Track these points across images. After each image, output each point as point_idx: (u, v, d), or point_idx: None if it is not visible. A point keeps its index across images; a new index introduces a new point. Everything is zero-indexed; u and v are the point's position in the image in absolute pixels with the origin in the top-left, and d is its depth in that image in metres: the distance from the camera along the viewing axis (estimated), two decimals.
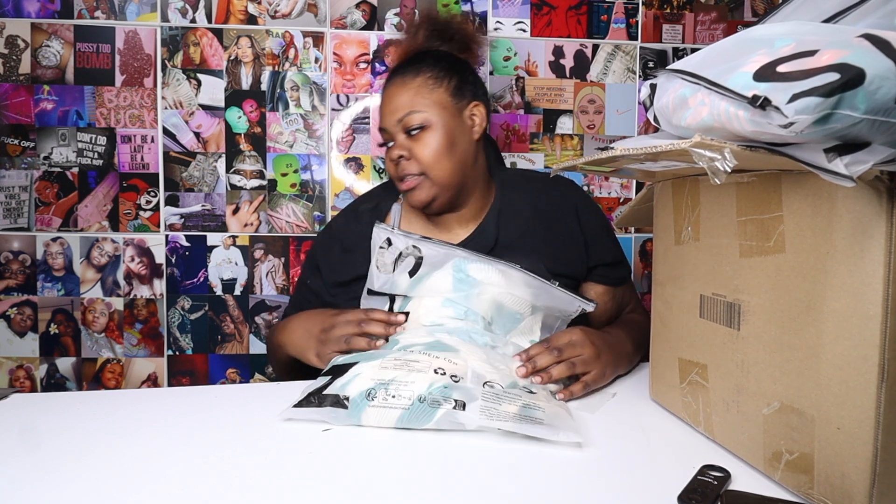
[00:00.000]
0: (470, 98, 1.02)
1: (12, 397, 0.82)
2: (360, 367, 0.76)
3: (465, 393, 0.71)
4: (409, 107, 0.97)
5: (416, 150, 0.97)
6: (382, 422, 0.70)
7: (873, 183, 0.47)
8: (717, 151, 0.50)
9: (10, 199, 1.58)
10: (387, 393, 0.71)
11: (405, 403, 0.70)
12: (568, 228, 1.03)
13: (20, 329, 1.61)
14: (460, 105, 1.00)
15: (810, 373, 0.53)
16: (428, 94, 0.98)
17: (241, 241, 1.63)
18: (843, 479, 0.51)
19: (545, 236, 1.02)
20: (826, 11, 0.57)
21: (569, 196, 1.06)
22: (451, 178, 0.98)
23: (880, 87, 0.42)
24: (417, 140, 0.97)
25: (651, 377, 0.82)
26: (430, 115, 0.97)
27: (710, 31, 1.72)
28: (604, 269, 1.05)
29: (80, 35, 1.57)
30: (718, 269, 0.65)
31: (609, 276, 1.06)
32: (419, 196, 0.98)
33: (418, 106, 0.97)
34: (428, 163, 0.96)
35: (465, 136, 1.00)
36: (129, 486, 0.58)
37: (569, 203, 1.05)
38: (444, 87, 0.99)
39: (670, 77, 0.61)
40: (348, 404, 0.71)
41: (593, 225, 1.05)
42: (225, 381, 1.66)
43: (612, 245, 1.07)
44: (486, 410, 0.68)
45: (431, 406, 0.69)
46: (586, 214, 1.05)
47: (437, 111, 0.97)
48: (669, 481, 0.57)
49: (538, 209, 1.04)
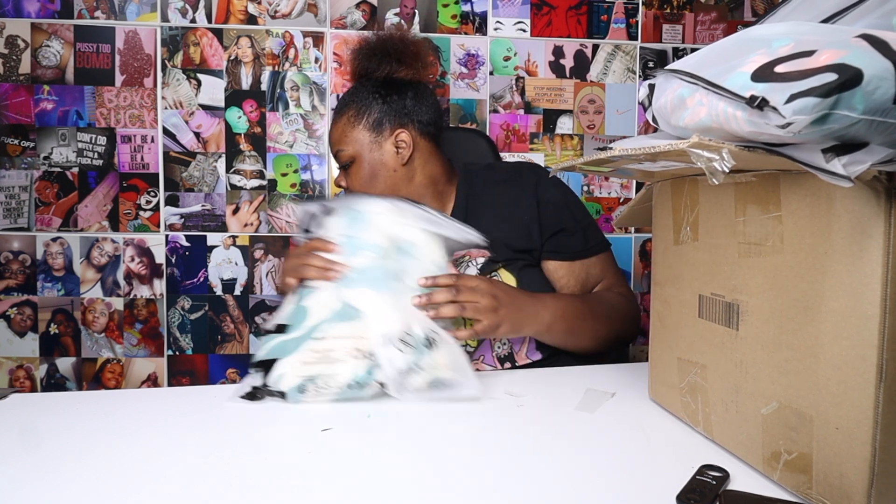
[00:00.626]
0: (394, 127, 1.07)
1: (12, 397, 0.82)
2: (282, 365, 0.80)
3: (382, 373, 0.78)
4: (337, 144, 1.09)
5: (349, 181, 1.10)
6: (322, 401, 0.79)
7: (871, 183, 0.47)
8: (715, 152, 0.50)
9: (10, 199, 1.58)
10: (316, 387, 0.78)
11: (336, 391, 0.78)
12: (527, 205, 1.05)
13: (20, 329, 1.61)
14: (380, 139, 1.07)
15: (809, 373, 0.53)
16: (350, 132, 1.08)
17: (241, 241, 1.64)
18: (841, 479, 0.51)
19: (506, 216, 1.05)
20: (824, 11, 0.57)
21: (529, 177, 1.08)
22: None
23: (878, 88, 0.42)
24: (350, 173, 1.10)
25: (650, 377, 0.82)
26: (352, 151, 1.08)
27: (710, 31, 1.73)
28: (557, 241, 1.05)
29: (80, 35, 1.57)
30: (717, 269, 0.65)
31: (563, 250, 1.05)
32: None
33: (343, 144, 1.08)
34: (358, 192, 1.07)
35: (389, 164, 1.07)
36: (129, 486, 0.58)
37: (528, 182, 1.08)
38: (363, 123, 1.07)
39: (668, 77, 0.61)
40: (286, 397, 0.79)
41: (550, 196, 1.06)
42: (225, 381, 1.66)
43: (569, 215, 1.07)
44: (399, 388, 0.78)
45: (361, 388, 0.79)
46: (544, 189, 1.07)
47: (358, 148, 1.07)
48: (668, 481, 0.57)
49: (501, 198, 1.07)
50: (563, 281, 1.06)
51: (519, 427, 0.73)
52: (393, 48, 1.09)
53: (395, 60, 1.09)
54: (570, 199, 1.10)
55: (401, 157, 1.08)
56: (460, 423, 0.74)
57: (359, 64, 1.11)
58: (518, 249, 1.03)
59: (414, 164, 1.09)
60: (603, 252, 1.09)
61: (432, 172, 1.11)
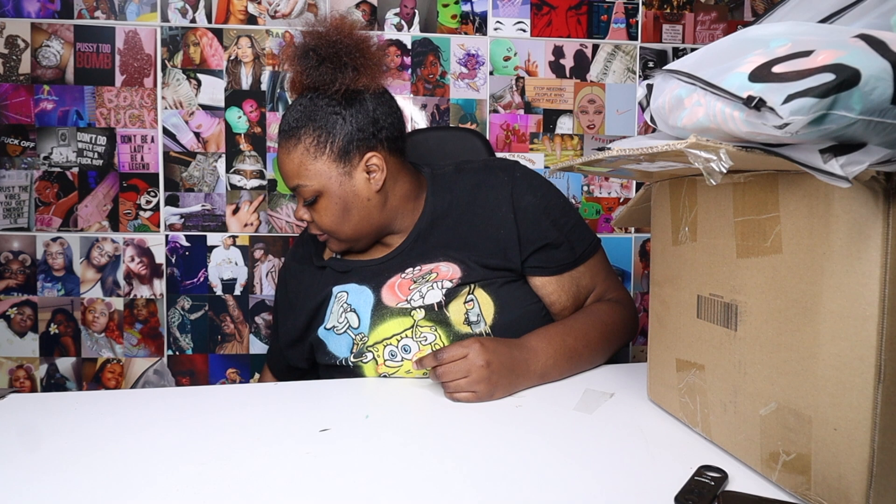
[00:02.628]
0: (362, 151, 0.94)
1: (12, 397, 0.82)
2: None
3: None
4: (296, 178, 0.94)
5: (316, 217, 0.96)
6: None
7: (869, 183, 0.47)
8: (712, 152, 0.50)
9: (10, 199, 1.58)
10: None
11: None
12: (503, 217, 0.95)
13: (20, 329, 1.61)
14: (349, 167, 0.93)
15: (807, 373, 0.53)
16: (311, 164, 0.93)
17: (241, 241, 1.64)
18: (839, 480, 0.51)
19: (481, 231, 0.96)
20: (822, 12, 0.57)
21: (504, 182, 0.98)
22: (357, 233, 0.98)
23: (875, 88, 0.42)
24: (315, 209, 0.96)
25: (649, 378, 0.82)
26: (317, 186, 0.93)
27: (709, 31, 1.72)
28: (541, 256, 0.96)
29: (80, 35, 1.57)
30: (715, 269, 0.65)
31: (548, 264, 0.96)
32: (334, 247, 1.01)
33: (304, 178, 0.93)
34: (329, 228, 0.96)
35: (362, 194, 0.95)
36: (128, 486, 0.58)
37: (504, 190, 0.97)
38: (326, 153, 0.92)
39: (666, 77, 0.61)
40: None
41: (527, 203, 0.96)
42: (225, 381, 1.66)
43: (551, 225, 0.96)
44: None
45: None
46: (520, 195, 0.97)
47: (324, 181, 0.93)
48: (667, 482, 0.57)
49: (471, 203, 0.98)
50: (554, 297, 0.97)
51: (517, 428, 0.73)
52: (348, 55, 0.91)
53: (351, 69, 0.91)
54: (552, 202, 0.98)
55: (374, 183, 0.95)
56: (459, 423, 0.74)
57: (306, 77, 0.93)
58: (494, 267, 0.94)
59: (386, 186, 0.97)
60: (591, 257, 1.00)
61: (404, 190, 0.99)
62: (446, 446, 0.67)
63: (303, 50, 0.92)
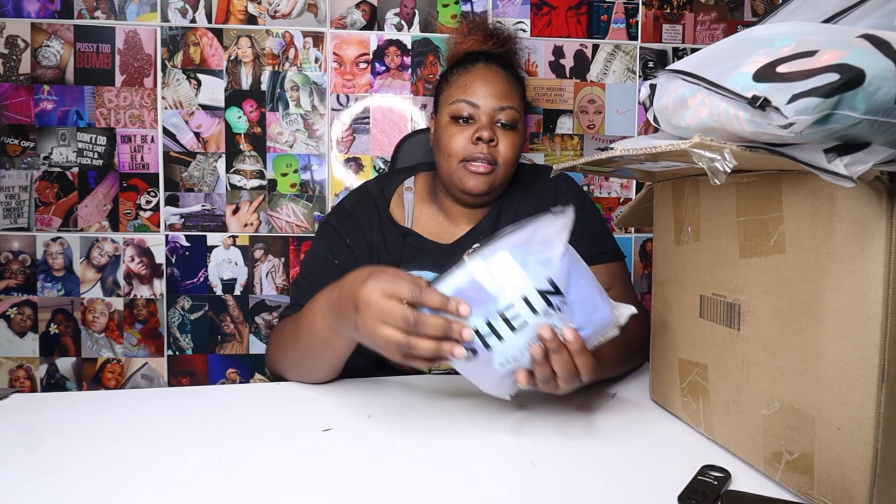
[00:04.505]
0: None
1: (12, 397, 0.81)
2: None
3: None
4: (509, 100, 0.97)
5: (503, 144, 0.97)
6: None
7: (873, 183, 0.47)
8: (716, 152, 0.50)
9: (10, 199, 1.58)
10: None
11: None
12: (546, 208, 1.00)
13: (20, 329, 1.61)
14: (524, 118, 1.02)
15: (810, 373, 0.53)
16: (518, 93, 0.99)
17: (241, 241, 1.64)
18: (843, 480, 0.51)
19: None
20: (826, 12, 0.57)
21: (550, 182, 1.07)
22: (508, 181, 1.01)
23: (880, 88, 0.42)
24: (506, 136, 0.97)
25: (651, 377, 0.82)
26: (519, 115, 0.99)
27: (710, 31, 1.72)
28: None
29: (80, 35, 1.57)
30: (718, 269, 0.65)
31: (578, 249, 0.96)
32: (483, 184, 0.97)
33: (514, 103, 0.98)
34: (507, 161, 0.97)
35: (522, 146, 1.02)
36: (129, 486, 0.58)
37: (550, 187, 1.06)
38: (522, 90, 1.00)
39: (670, 77, 0.61)
40: None
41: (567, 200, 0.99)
42: (225, 381, 1.66)
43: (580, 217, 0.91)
44: None
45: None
46: (563, 193, 1.06)
47: (521, 116, 0.99)
48: (669, 481, 0.57)
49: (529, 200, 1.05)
50: None
51: (519, 427, 0.73)
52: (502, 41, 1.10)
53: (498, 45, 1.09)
54: (587, 203, 1.07)
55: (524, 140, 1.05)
56: (461, 423, 0.74)
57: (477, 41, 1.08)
58: None
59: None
60: (612, 262, 1.03)
61: None
62: (448, 446, 0.67)
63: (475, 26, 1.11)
